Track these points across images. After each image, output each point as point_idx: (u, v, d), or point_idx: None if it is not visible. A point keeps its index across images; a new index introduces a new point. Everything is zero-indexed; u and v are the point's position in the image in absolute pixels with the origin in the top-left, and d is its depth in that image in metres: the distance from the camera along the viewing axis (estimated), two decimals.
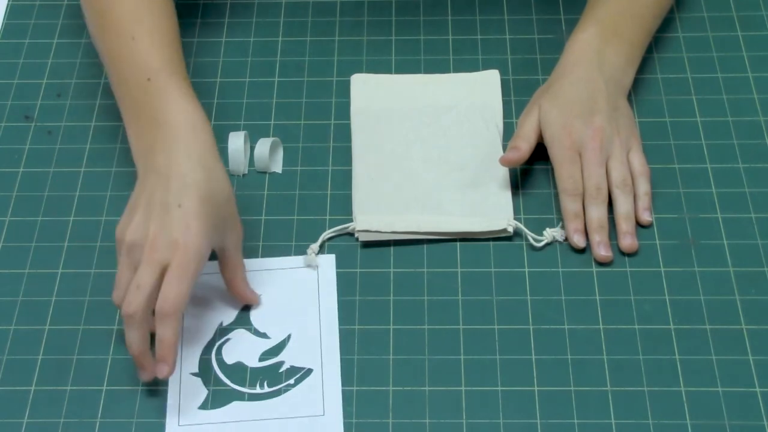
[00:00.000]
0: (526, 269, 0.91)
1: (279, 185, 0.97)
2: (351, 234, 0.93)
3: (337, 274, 0.91)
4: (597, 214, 0.91)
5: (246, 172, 0.98)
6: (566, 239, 0.92)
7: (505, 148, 0.98)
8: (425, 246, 0.93)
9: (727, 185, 0.96)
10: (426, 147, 0.99)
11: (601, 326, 0.88)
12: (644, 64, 1.05)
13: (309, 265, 0.91)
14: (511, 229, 0.93)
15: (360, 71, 1.05)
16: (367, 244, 0.93)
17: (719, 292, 0.89)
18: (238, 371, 0.85)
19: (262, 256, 0.92)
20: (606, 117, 0.93)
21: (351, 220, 0.94)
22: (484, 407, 0.83)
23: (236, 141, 0.98)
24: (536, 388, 0.84)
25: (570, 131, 0.92)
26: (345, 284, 0.91)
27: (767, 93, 1.03)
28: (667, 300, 0.89)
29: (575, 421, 0.82)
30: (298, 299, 0.89)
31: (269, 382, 0.84)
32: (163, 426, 0.82)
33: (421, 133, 1.00)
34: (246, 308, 0.89)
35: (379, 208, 0.94)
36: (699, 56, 1.06)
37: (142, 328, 0.80)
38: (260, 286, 0.89)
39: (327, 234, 0.93)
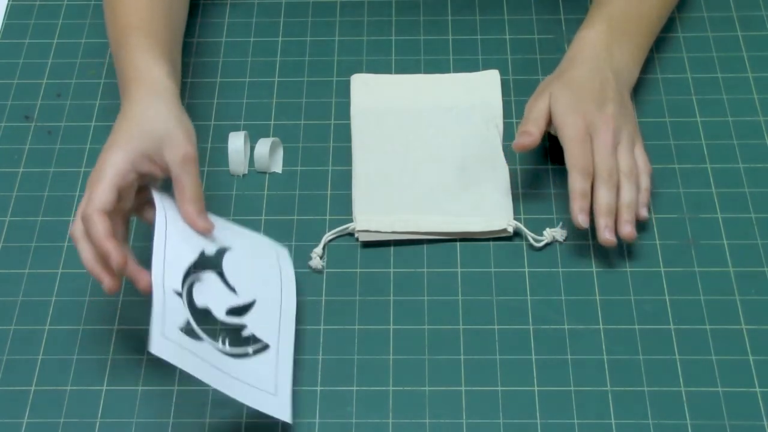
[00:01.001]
0: (526, 269, 0.91)
1: (279, 185, 0.97)
2: (351, 234, 0.93)
3: (337, 274, 0.91)
4: (607, 198, 0.90)
5: (246, 172, 0.98)
6: (566, 239, 0.93)
7: (505, 148, 0.98)
8: (425, 246, 0.93)
9: (727, 185, 0.96)
10: (426, 147, 0.99)
11: (601, 326, 0.88)
12: (644, 64, 1.05)
13: (314, 269, 0.91)
14: (511, 229, 0.93)
15: (360, 71, 1.05)
16: (367, 244, 0.93)
17: (719, 292, 0.89)
18: (206, 318, 0.83)
19: None
20: (617, 106, 0.93)
21: (351, 220, 0.94)
22: (484, 407, 0.83)
23: (236, 141, 0.98)
24: (536, 388, 0.84)
25: (583, 114, 0.91)
26: (345, 284, 0.91)
27: (767, 93, 1.03)
28: (667, 300, 0.89)
29: (575, 421, 0.82)
30: (264, 272, 0.88)
31: (231, 342, 0.83)
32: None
33: (421, 133, 1.00)
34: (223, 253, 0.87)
35: (379, 208, 0.94)
36: (699, 56, 1.06)
37: (85, 246, 0.82)
38: (236, 239, 0.88)
39: (328, 236, 0.93)
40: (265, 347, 0.84)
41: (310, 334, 0.88)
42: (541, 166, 0.98)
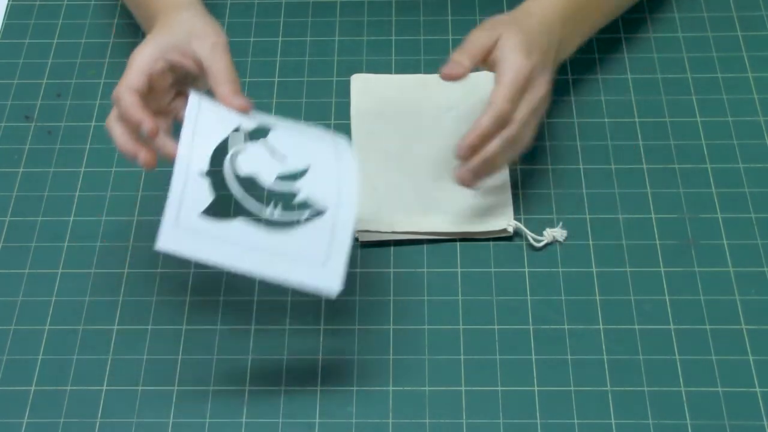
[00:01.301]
0: (526, 269, 0.91)
1: None
2: None
3: None
4: (495, 148, 0.87)
5: None
6: (566, 239, 0.93)
7: None
8: (425, 246, 0.93)
9: (727, 185, 0.96)
10: (426, 147, 0.99)
11: (601, 326, 0.88)
12: (644, 64, 1.05)
13: None
14: (511, 229, 0.93)
15: (360, 71, 1.05)
16: (367, 244, 0.93)
17: (719, 292, 0.89)
18: (251, 186, 0.82)
19: None
20: (551, 75, 0.91)
21: None
22: (484, 407, 0.83)
23: (236, 141, 0.97)
24: (536, 388, 0.84)
25: (532, 65, 0.88)
26: (345, 284, 0.91)
27: (767, 93, 1.03)
28: (667, 300, 0.89)
29: (575, 421, 0.82)
30: (318, 144, 0.83)
31: (283, 207, 0.80)
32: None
33: (421, 134, 1.00)
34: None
35: (379, 208, 0.94)
36: (699, 56, 1.06)
37: (118, 127, 0.83)
38: (282, 121, 0.85)
39: None
40: (320, 213, 0.79)
41: (310, 334, 0.88)
42: (541, 166, 0.98)
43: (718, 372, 0.85)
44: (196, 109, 0.81)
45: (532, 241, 0.92)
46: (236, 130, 0.82)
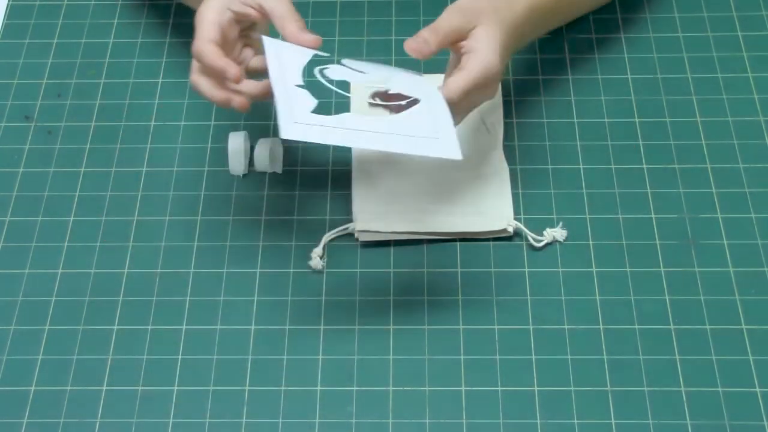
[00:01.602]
0: (526, 269, 0.91)
1: (279, 185, 0.97)
2: (351, 234, 0.93)
3: (337, 274, 0.92)
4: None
5: (246, 172, 0.98)
6: (566, 239, 0.93)
7: (505, 148, 0.98)
8: (425, 246, 0.93)
9: (727, 185, 0.96)
10: None
11: (601, 326, 0.88)
12: (644, 64, 1.05)
13: (314, 269, 0.91)
14: (511, 229, 0.93)
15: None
16: (367, 244, 0.93)
17: (719, 292, 0.89)
18: (346, 87, 0.87)
19: (262, 257, 0.92)
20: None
21: (351, 220, 0.94)
22: (484, 407, 0.83)
23: (236, 141, 0.98)
24: (536, 388, 0.84)
25: (498, 66, 0.87)
26: (345, 284, 0.91)
27: (767, 93, 1.03)
28: (667, 300, 0.89)
29: (575, 421, 0.82)
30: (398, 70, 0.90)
31: (381, 98, 0.86)
32: None
33: None
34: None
35: (379, 208, 0.94)
36: (699, 56, 1.06)
37: (203, 80, 0.87)
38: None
39: (328, 236, 0.93)
40: (416, 101, 0.84)
41: (310, 334, 0.88)
42: (541, 166, 0.98)
43: (718, 372, 0.85)
44: (274, 46, 0.87)
45: (532, 241, 0.92)
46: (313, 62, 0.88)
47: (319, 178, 0.98)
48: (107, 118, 1.03)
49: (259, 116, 1.02)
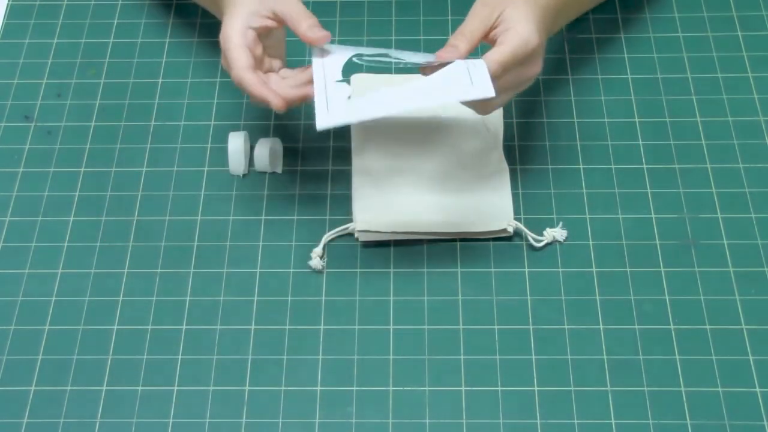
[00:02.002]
0: (526, 269, 0.91)
1: (279, 185, 0.97)
2: (351, 234, 0.93)
3: (337, 274, 0.91)
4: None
5: (246, 172, 0.98)
6: (566, 239, 0.93)
7: (505, 148, 0.98)
8: (425, 246, 0.93)
9: (727, 185, 0.96)
10: (426, 147, 0.98)
11: (601, 326, 0.88)
12: (644, 64, 1.05)
13: (314, 269, 0.91)
14: (511, 229, 0.93)
15: (360, 71, 1.05)
16: (367, 244, 0.93)
17: (719, 292, 0.89)
18: (380, 69, 0.91)
19: (262, 257, 0.92)
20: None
21: (351, 220, 0.94)
22: (484, 407, 0.83)
23: (236, 141, 0.98)
24: (536, 388, 0.84)
25: (539, 41, 0.87)
26: (345, 284, 0.91)
27: (767, 93, 1.03)
28: (667, 300, 0.89)
29: (575, 421, 0.83)
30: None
31: (413, 62, 0.88)
32: None
33: (421, 133, 1.00)
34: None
35: (379, 208, 0.94)
36: (699, 56, 1.06)
37: (251, 89, 0.89)
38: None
39: (328, 236, 0.93)
40: (450, 62, 0.86)
41: (310, 334, 0.88)
42: (541, 166, 0.98)
43: (718, 372, 0.85)
44: (320, 51, 0.92)
45: (532, 241, 0.92)
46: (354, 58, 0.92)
47: (319, 178, 0.98)
48: (107, 118, 1.03)
49: (259, 116, 1.02)
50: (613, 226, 0.93)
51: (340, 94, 0.87)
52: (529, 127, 1.01)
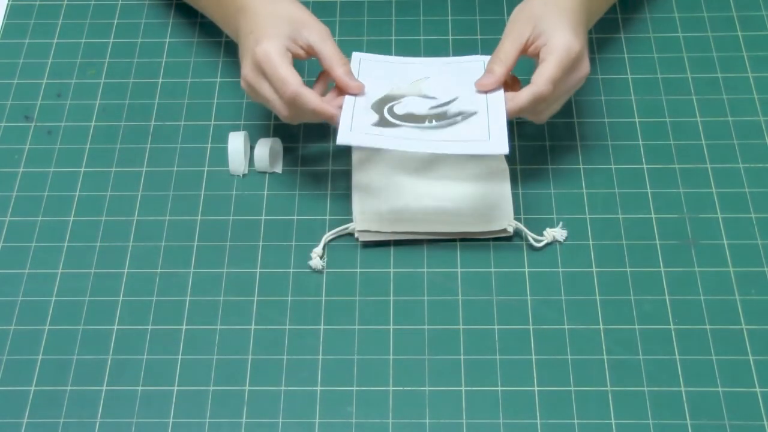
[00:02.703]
0: (526, 269, 0.91)
1: (279, 185, 0.97)
2: (351, 234, 0.94)
3: (337, 274, 0.92)
4: (518, 114, 0.91)
5: (246, 172, 0.98)
6: (566, 239, 0.93)
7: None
8: (425, 246, 0.93)
9: (727, 185, 0.96)
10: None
11: (601, 326, 0.88)
12: (644, 64, 1.05)
13: (314, 269, 0.91)
14: (511, 229, 0.93)
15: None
16: (367, 244, 0.93)
17: (719, 292, 0.89)
18: (408, 118, 0.90)
19: (262, 257, 0.92)
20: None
21: (351, 220, 0.94)
22: (484, 407, 0.83)
23: (236, 141, 0.98)
24: (536, 388, 0.84)
25: (581, 44, 0.89)
26: (345, 284, 0.91)
27: (767, 93, 1.03)
28: (667, 300, 0.89)
29: (575, 421, 0.83)
30: (467, 77, 0.94)
31: (437, 119, 0.90)
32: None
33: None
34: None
35: (379, 208, 0.94)
36: (699, 56, 1.06)
37: (299, 114, 0.91)
38: (433, 69, 0.96)
39: (328, 236, 0.93)
40: (474, 113, 0.90)
41: (310, 334, 0.88)
42: (541, 166, 0.98)
43: (718, 372, 0.85)
44: (357, 62, 0.97)
45: (532, 241, 0.92)
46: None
47: (319, 178, 0.98)
48: (107, 118, 1.03)
49: (259, 116, 1.02)
50: (613, 226, 0.93)
51: (365, 119, 0.90)
52: (529, 127, 1.01)
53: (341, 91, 0.93)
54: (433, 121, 0.90)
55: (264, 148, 0.98)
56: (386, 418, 0.83)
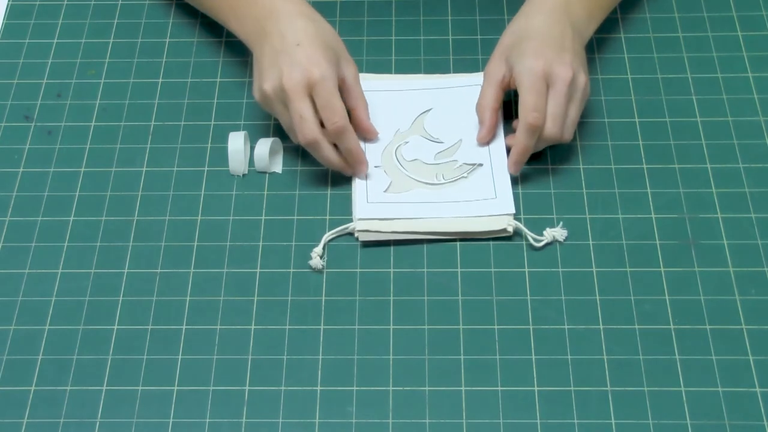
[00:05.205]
0: (526, 269, 0.91)
1: (279, 185, 0.97)
2: (351, 234, 0.94)
3: (337, 274, 0.91)
4: (536, 145, 0.94)
5: (246, 172, 0.98)
6: (566, 239, 0.93)
7: (506, 149, 0.98)
8: (425, 246, 0.93)
9: (727, 185, 0.96)
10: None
11: (601, 326, 0.88)
12: (644, 64, 1.05)
13: (314, 269, 0.91)
14: (511, 229, 0.93)
15: (360, 71, 1.05)
16: (367, 244, 0.93)
17: (719, 292, 0.89)
18: (416, 166, 0.96)
19: (262, 257, 0.92)
20: (573, 56, 0.93)
21: (351, 220, 0.94)
22: (484, 407, 0.83)
23: (236, 141, 0.98)
24: (536, 388, 0.84)
25: (543, 61, 0.92)
26: (345, 284, 0.91)
27: (767, 93, 1.03)
28: (667, 300, 0.89)
29: (575, 421, 0.83)
30: (466, 108, 0.99)
31: (445, 175, 0.95)
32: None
33: (421, 133, 1.00)
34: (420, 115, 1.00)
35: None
36: (699, 56, 1.06)
37: (326, 144, 0.93)
38: (433, 99, 1.01)
39: (328, 236, 0.93)
40: (479, 165, 0.96)
41: (310, 334, 0.88)
42: (541, 166, 0.98)
43: (718, 372, 0.85)
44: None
45: (532, 241, 0.92)
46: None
47: (319, 178, 0.98)
48: (107, 118, 1.03)
49: (259, 116, 1.02)
50: (613, 226, 0.93)
51: (378, 185, 0.95)
52: None
53: (358, 132, 0.95)
54: (442, 177, 0.95)
55: (264, 148, 0.98)
56: (386, 418, 0.83)
